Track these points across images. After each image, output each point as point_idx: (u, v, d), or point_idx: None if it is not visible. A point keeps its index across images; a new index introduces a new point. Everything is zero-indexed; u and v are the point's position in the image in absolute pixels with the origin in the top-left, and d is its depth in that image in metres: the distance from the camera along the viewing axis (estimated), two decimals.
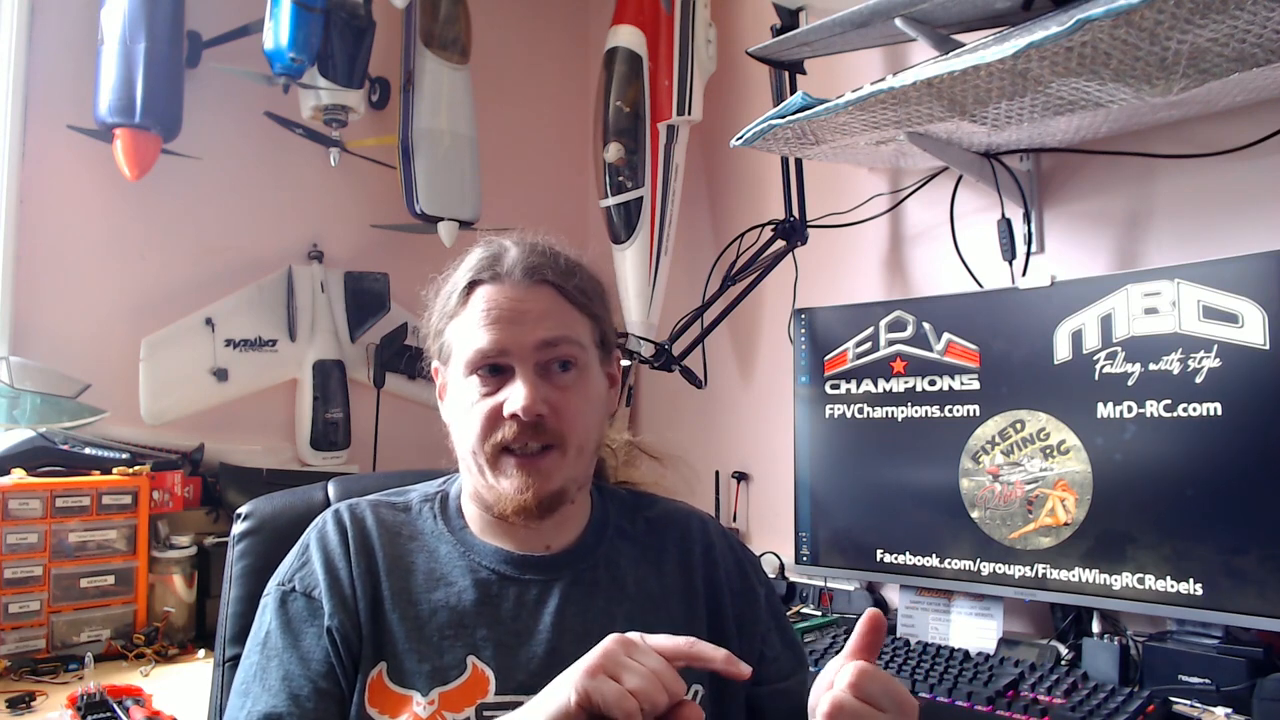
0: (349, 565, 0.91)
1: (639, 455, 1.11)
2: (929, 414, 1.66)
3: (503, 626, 0.89)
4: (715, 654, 0.71)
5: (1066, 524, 1.48)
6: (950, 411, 1.63)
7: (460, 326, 0.92)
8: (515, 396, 0.87)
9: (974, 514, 1.58)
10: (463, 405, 0.91)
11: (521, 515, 0.89)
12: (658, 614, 0.94)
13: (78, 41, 1.94)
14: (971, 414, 1.60)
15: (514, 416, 0.87)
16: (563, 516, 0.94)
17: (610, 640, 0.71)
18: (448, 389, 0.96)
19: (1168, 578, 1.38)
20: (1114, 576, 1.43)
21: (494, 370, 0.90)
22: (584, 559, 0.95)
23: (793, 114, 1.55)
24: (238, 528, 1.08)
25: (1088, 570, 1.45)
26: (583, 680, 0.69)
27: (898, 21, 1.48)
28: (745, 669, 0.70)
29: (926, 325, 1.67)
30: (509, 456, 0.89)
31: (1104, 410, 1.45)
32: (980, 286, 1.77)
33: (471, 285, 0.93)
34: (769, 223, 2.04)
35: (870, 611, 0.75)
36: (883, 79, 1.40)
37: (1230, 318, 1.34)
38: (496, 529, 0.95)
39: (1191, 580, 1.35)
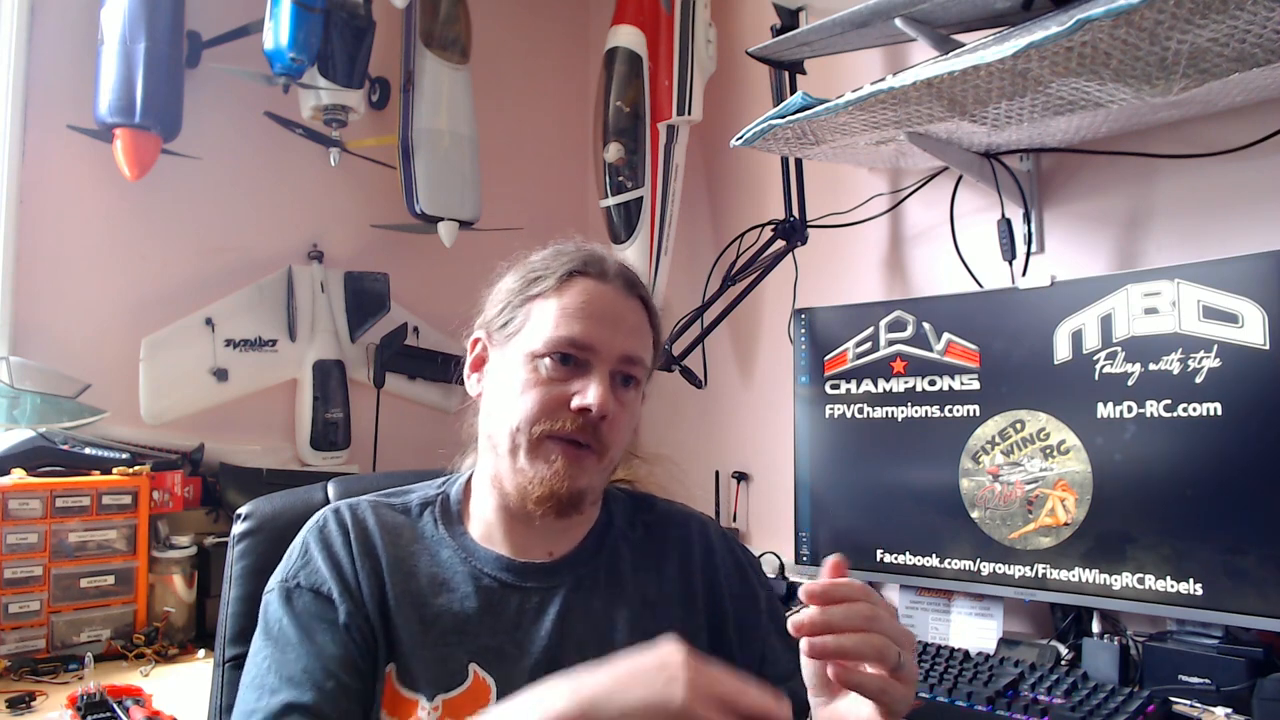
0: (353, 563, 0.90)
1: (631, 455, 1.11)
2: (929, 414, 1.66)
3: (504, 635, 0.89)
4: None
5: (1066, 524, 1.48)
6: (950, 411, 1.63)
7: (547, 308, 0.91)
8: (591, 393, 0.87)
9: (974, 514, 1.58)
10: (516, 383, 0.90)
11: (545, 503, 0.88)
12: (657, 618, 0.94)
13: (78, 41, 1.94)
14: (971, 414, 1.60)
15: (583, 410, 0.87)
16: (570, 523, 0.94)
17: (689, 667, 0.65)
18: (492, 363, 0.96)
19: (1168, 578, 1.38)
20: (1114, 576, 1.43)
21: (569, 360, 0.89)
22: (585, 564, 0.95)
23: (793, 114, 1.55)
24: (238, 528, 1.08)
25: (1088, 570, 1.45)
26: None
27: (898, 21, 1.48)
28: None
29: (926, 325, 1.67)
30: (554, 443, 0.88)
31: (1104, 410, 1.45)
32: (980, 286, 1.77)
33: (572, 274, 0.92)
34: (769, 223, 2.04)
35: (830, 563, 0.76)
36: (883, 79, 1.40)
37: (1230, 318, 1.34)
38: (498, 534, 0.95)
39: (1191, 580, 1.35)
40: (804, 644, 0.73)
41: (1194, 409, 1.37)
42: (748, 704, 0.63)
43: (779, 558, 2.03)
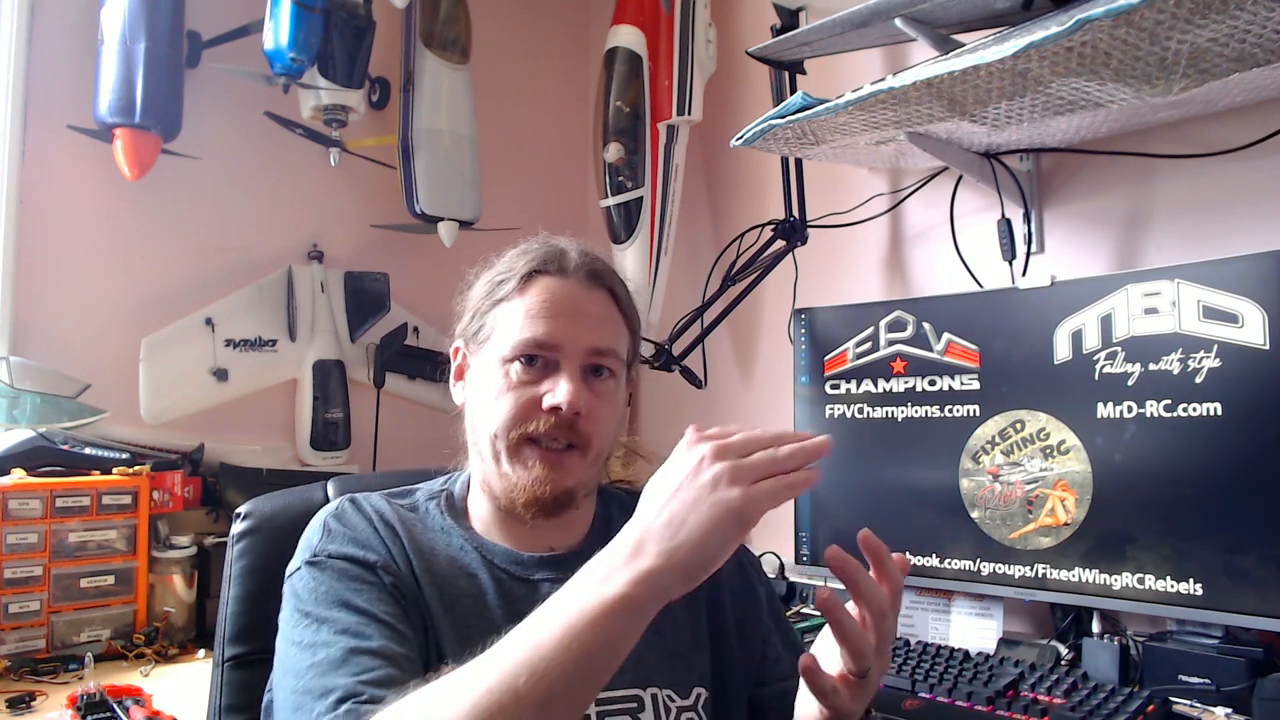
0: (380, 539, 0.89)
1: (634, 456, 1.11)
2: (929, 414, 1.66)
3: (516, 624, 0.89)
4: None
5: (1066, 524, 1.48)
6: (950, 411, 1.63)
7: (511, 312, 0.91)
8: (560, 391, 0.87)
9: (974, 514, 1.58)
10: (491, 389, 0.90)
11: (532, 507, 0.88)
12: (660, 616, 0.93)
13: (78, 41, 1.94)
14: (971, 414, 1.60)
15: (554, 410, 0.87)
16: (566, 519, 0.94)
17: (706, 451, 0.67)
18: (471, 370, 0.96)
19: (1168, 578, 1.38)
20: (1114, 576, 1.43)
21: (536, 361, 0.89)
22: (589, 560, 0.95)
23: (793, 114, 1.55)
24: (237, 527, 1.08)
25: (1088, 570, 1.45)
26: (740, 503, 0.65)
27: (898, 21, 1.48)
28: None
29: (926, 325, 1.67)
30: (532, 447, 0.89)
31: (1104, 410, 1.45)
32: (980, 286, 1.77)
33: (532, 274, 0.92)
34: (769, 223, 2.04)
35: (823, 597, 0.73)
36: (883, 79, 1.40)
37: (1230, 318, 1.34)
38: (501, 529, 0.95)
39: (1191, 580, 1.35)
40: (830, 555, 0.74)
41: (1194, 409, 1.37)
42: (786, 462, 0.67)
43: (779, 558, 2.03)
